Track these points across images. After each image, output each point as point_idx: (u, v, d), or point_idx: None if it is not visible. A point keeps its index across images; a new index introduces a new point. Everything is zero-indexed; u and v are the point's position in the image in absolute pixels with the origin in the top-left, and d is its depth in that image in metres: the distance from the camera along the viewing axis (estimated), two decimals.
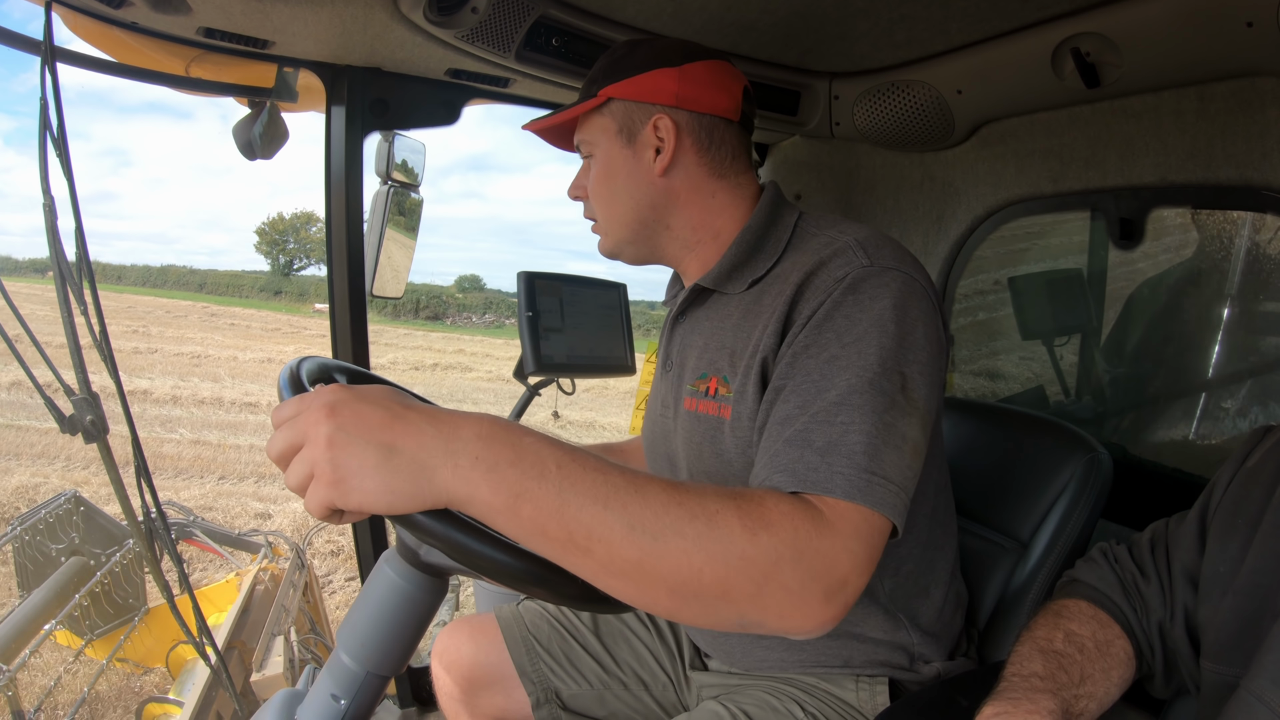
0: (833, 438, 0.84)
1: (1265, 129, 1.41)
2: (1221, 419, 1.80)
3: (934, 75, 1.69)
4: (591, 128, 1.19)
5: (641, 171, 1.15)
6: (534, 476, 0.69)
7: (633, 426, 2.45)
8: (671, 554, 0.70)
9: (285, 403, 0.73)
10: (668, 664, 1.41)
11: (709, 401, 1.11)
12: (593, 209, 1.24)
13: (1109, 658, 0.97)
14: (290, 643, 2.38)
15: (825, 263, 0.99)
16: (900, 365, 0.90)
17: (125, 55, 1.56)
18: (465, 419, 0.71)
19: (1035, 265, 2.16)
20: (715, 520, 0.72)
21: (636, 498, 0.71)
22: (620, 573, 0.71)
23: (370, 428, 0.68)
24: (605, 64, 1.18)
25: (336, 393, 0.70)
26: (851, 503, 0.80)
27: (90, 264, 1.33)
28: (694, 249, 1.20)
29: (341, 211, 1.78)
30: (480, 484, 0.68)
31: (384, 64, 1.68)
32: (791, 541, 0.74)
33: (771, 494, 0.79)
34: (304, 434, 0.69)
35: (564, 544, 0.70)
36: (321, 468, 0.67)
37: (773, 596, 0.73)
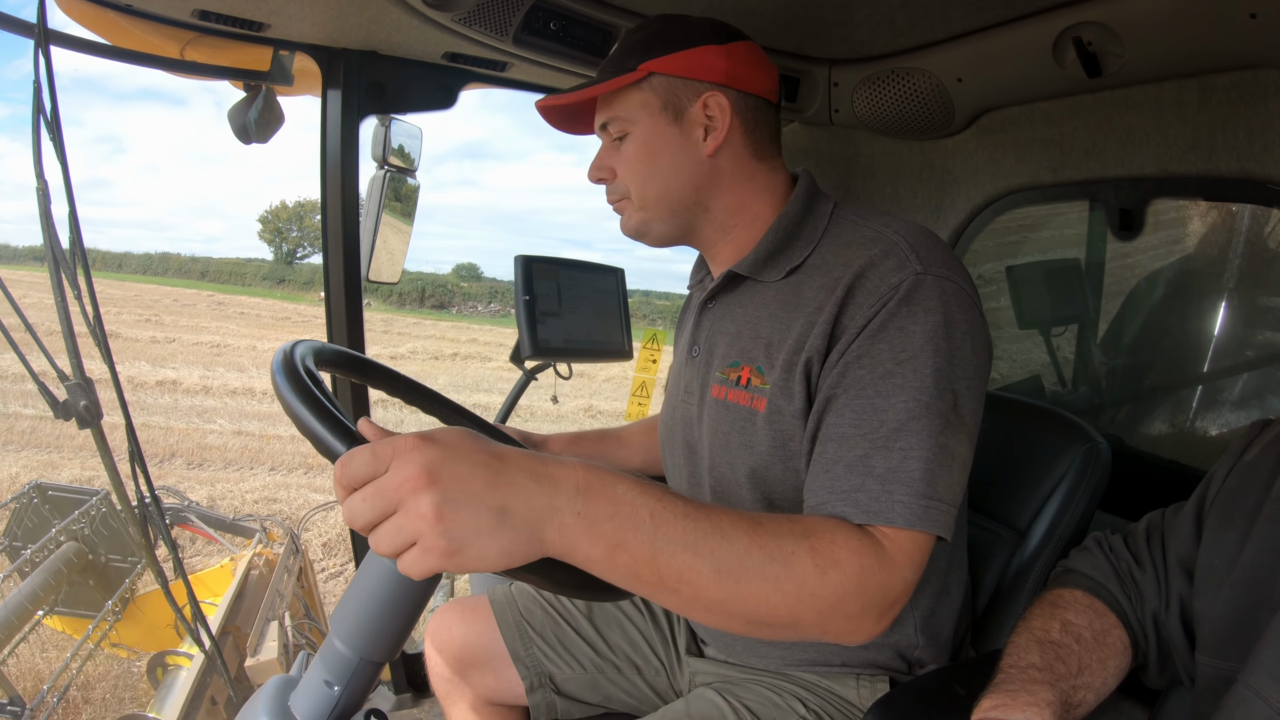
0: (893, 464, 0.88)
1: (1267, 121, 1.41)
2: (1219, 411, 1.80)
3: (934, 63, 1.68)
4: (628, 104, 1.13)
5: (689, 150, 1.11)
6: (630, 529, 0.73)
7: (629, 413, 2.45)
8: (751, 594, 0.77)
9: (352, 459, 0.70)
10: (660, 649, 1.41)
11: (740, 391, 1.09)
12: (621, 189, 1.18)
13: (1106, 647, 0.97)
14: (285, 628, 2.39)
15: (875, 263, 0.98)
16: (952, 383, 0.92)
17: (119, 38, 1.55)
18: (562, 471, 0.73)
19: (1033, 255, 2.16)
20: (791, 562, 0.79)
21: (723, 543, 0.76)
22: (704, 609, 0.78)
23: (477, 494, 0.68)
24: (641, 38, 1.13)
25: (424, 451, 0.68)
26: (910, 530, 0.86)
27: (84, 250, 1.32)
28: (730, 233, 1.17)
29: (337, 196, 1.77)
30: (581, 539, 0.72)
31: (380, 47, 1.67)
32: (858, 578, 0.82)
33: (841, 529, 0.85)
34: (397, 503, 0.67)
35: (654, 585, 0.76)
36: (433, 540, 0.67)
37: (834, 623, 0.83)
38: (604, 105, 1.16)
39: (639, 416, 2.45)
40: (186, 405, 10.74)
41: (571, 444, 1.55)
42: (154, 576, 1.59)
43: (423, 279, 51.21)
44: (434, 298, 47.38)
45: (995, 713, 0.85)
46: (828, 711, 1.16)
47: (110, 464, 1.39)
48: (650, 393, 2.46)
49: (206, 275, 63.19)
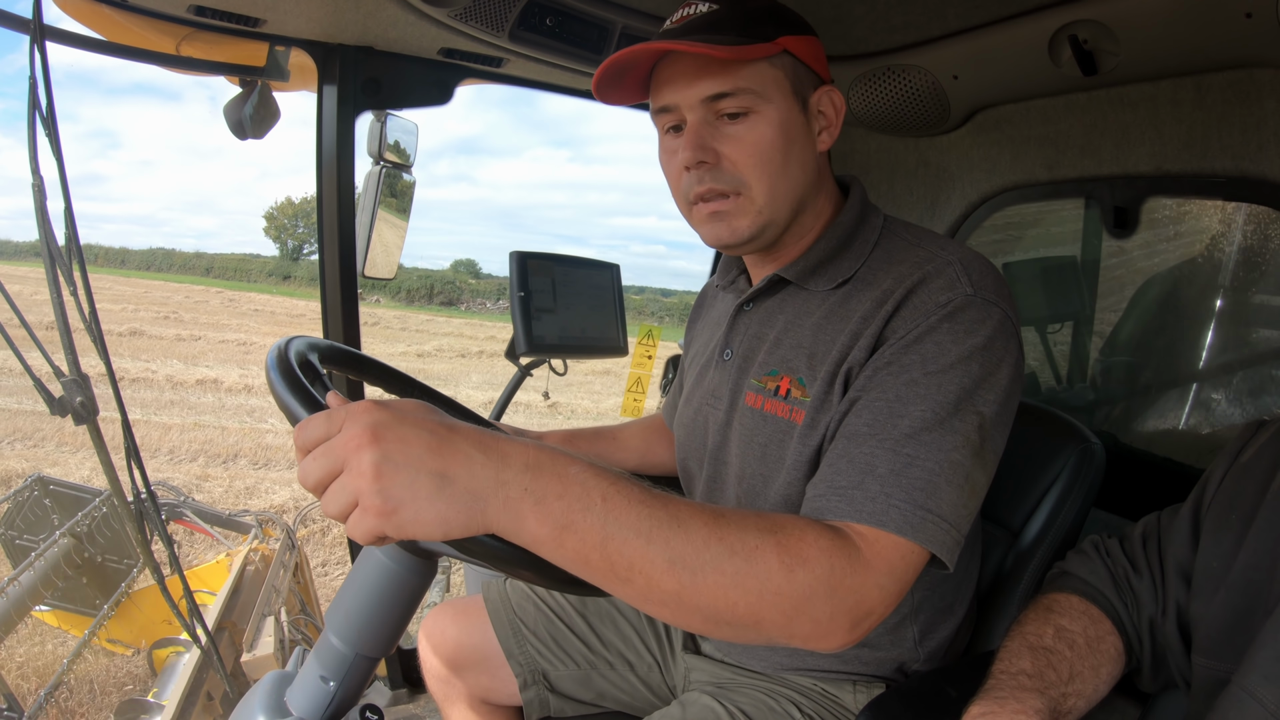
0: (897, 467, 0.84)
1: (1262, 120, 1.41)
2: (1213, 409, 1.81)
3: (930, 60, 1.67)
4: (760, 77, 0.97)
5: (810, 144, 1.03)
6: (580, 509, 0.69)
7: (624, 408, 2.45)
8: (709, 588, 0.73)
9: (310, 422, 0.70)
10: (654, 646, 1.41)
11: (779, 402, 1.04)
12: (733, 178, 1.00)
13: (1099, 654, 0.97)
14: (281, 623, 2.38)
15: (927, 280, 0.94)
16: (977, 405, 0.88)
17: (115, 34, 1.54)
18: (511, 445, 0.70)
19: (1029, 253, 2.16)
20: (754, 557, 0.74)
21: (679, 532, 0.72)
22: (659, 602, 0.73)
23: (417, 452, 0.66)
24: (767, 6, 1.01)
25: (374, 413, 0.67)
26: (898, 537, 0.82)
27: (80, 245, 1.31)
28: (802, 238, 1.09)
29: (333, 192, 1.77)
30: (528, 516, 0.68)
31: (376, 43, 1.67)
32: (826, 578, 0.76)
33: (812, 527, 0.80)
34: (343, 461, 0.66)
35: (604, 573, 0.71)
36: (370, 499, 0.65)
37: (801, 626, 0.77)
38: (721, 73, 0.97)
39: (635, 412, 2.45)
40: (234, 404, 10.67)
41: (565, 442, 1.54)
42: (150, 572, 1.59)
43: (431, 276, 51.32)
44: (442, 294, 47.43)
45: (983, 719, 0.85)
46: (823, 716, 1.15)
47: (106, 459, 1.39)
48: (645, 388, 2.46)
49: (211, 271, 63.12)
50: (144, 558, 1.60)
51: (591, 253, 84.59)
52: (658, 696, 1.40)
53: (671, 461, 1.56)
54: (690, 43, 0.95)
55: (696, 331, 1.41)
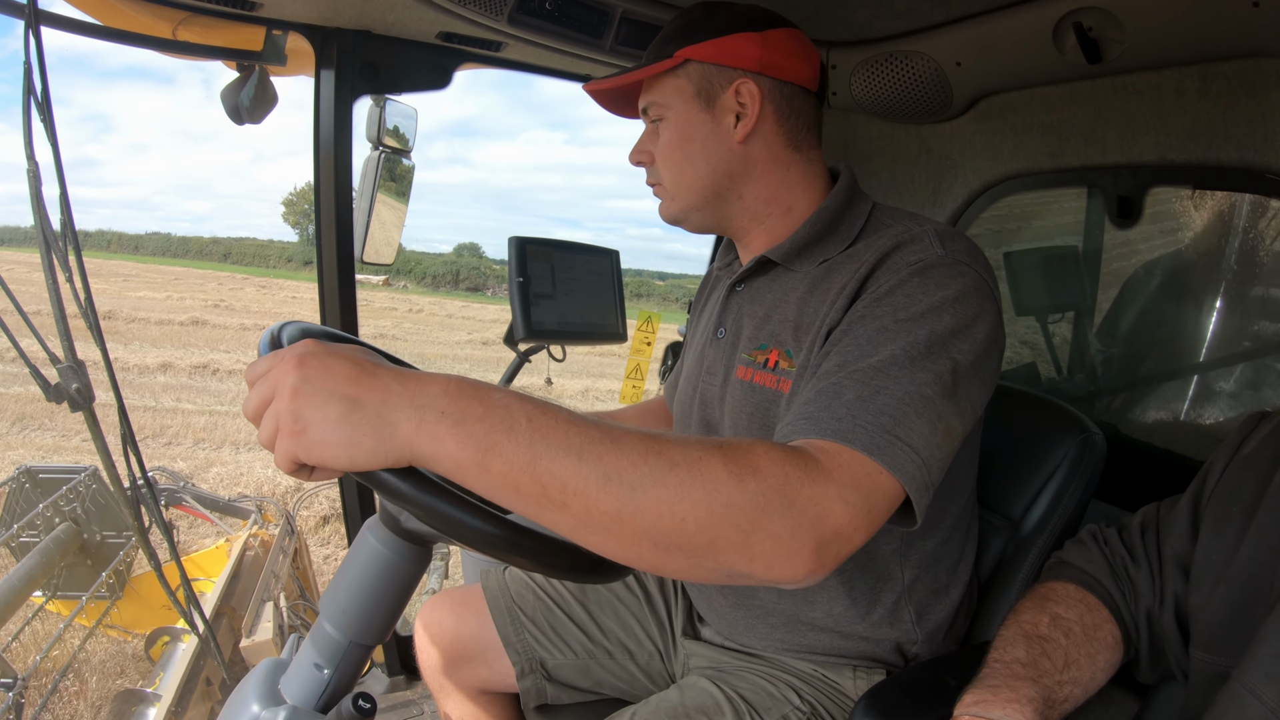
0: (864, 394, 0.83)
1: (1268, 111, 1.40)
2: (1214, 400, 1.80)
3: (933, 46, 1.66)
4: (664, 89, 1.15)
5: (720, 137, 1.12)
6: (503, 430, 0.65)
7: (623, 394, 2.44)
8: (652, 504, 0.67)
9: (259, 360, 0.71)
10: (655, 633, 1.41)
11: (767, 373, 1.10)
12: (658, 174, 1.20)
13: (1096, 642, 0.96)
14: (280, 609, 2.39)
15: (901, 246, 1.00)
16: (951, 351, 0.88)
17: (111, 18, 1.53)
18: (433, 377, 0.68)
19: (1031, 242, 2.15)
20: (698, 468, 0.69)
21: (612, 448, 0.67)
22: (599, 526, 0.68)
23: (335, 380, 0.65)
24: (680, 24, 1.14)
25: (307, 346, 0.67)
26: (861, 454, 0.78)
27: (75, 231, 1.31)
28: (763, 221, 1.18)
29: (330, 177, 1.76)
30: (447, 439, 0.65)
31: (374, 26, 1.65)
32: (781, 488, 0.71)
33: (762, 443, 0.75)
34: (274, 388, 0.66)
35: (538, 499, 0.67)
36: (285, 420, 0.65)
37: (760, 545, 0.70)
38: (645, 90, 1.18)
39: (633, 398, 2.44)
40: None
41: None
42: (147, 559, 1.59)
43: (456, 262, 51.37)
44: (468, 280, 47.39)
45: (976, 709, 0.84)
46: (822, 702, 1.16)
47: (102, 446, 1.38)
48: (645, 374, 2.45)
49: (229, 257, 62.99)
50: (141, 545, 1.60)
51: (587, 235, 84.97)
52: (657, 685, 1.40)
53: None
54: (612, 77, 1.20)
55: (699, 313, 1.44)
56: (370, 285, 41.73)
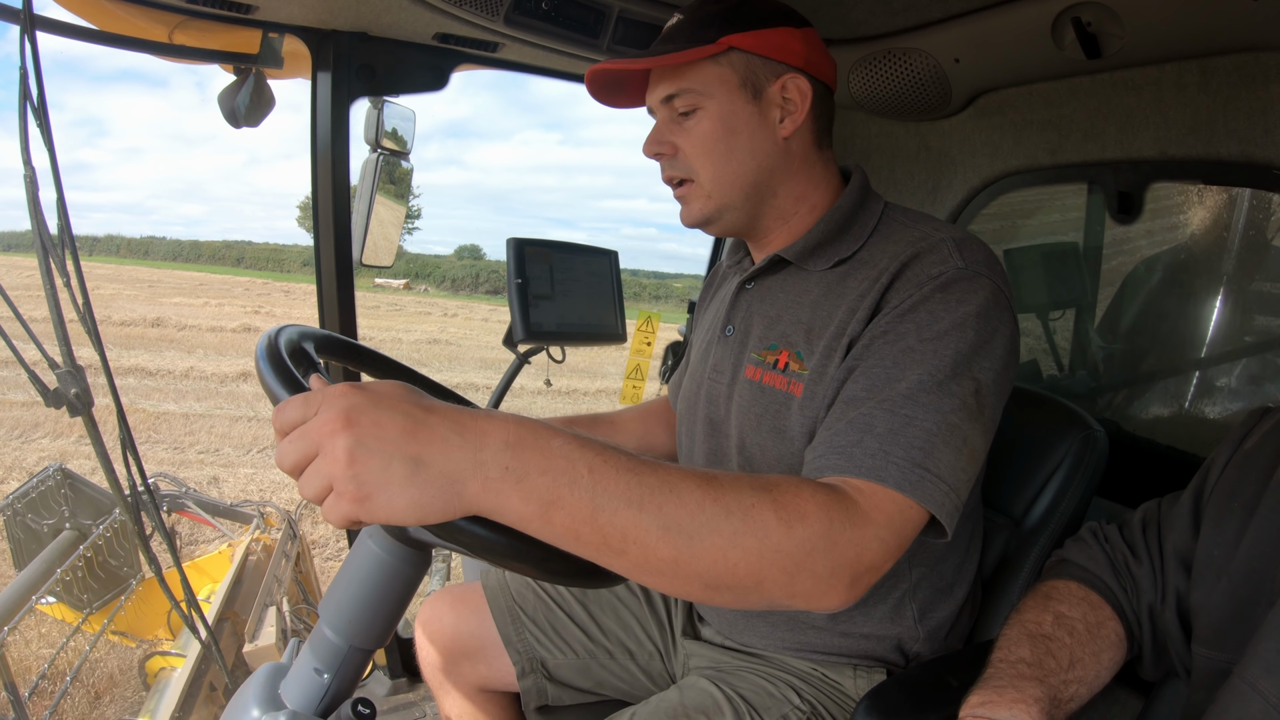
0: (895, 426, 0.86)
1: (1268, 104, 1.39)
2: (1216, 396, 1.80)
3: (931, 43, 1.66)
4: (704, 77, 1.07)
5: (766, 131, 1.09)
6: (566, 484, 0.67)
7: (624, 394, 2.44)
8: (707, 551, 0.71)
9: (287, 405, 0.68)
10: (655, 633, 1.41)
11: (776, 374, 1.08)
12: (685, 168, 1.12)
13: (1099, 640, 0.96)
14: (283, 613, 2.39)
15: (920, 255, 0.98)
16: (974, 370, 0.91)
17: (107, 22, 1.53)
18: (491, 423, 0.68)
19: (1031, 239, 2.14)
20: (750, 515, 0.73)
21: (671, 497, 0.70)
22: (655, 571, 0.71)
23: (391, 438, 0.64)
24: (720, 9, 1.08)
25: (348, 396, 0.65)
26: (895, 492, 0.82)
27: (73, 236, 1.31)
28: (789, 220, 1.15)
29: (328, 180, 1.76)
30: (511, 495, 0.66)
31: (370, 28, 1.65)
32: (825, 532, 0.76)
33: (807, 484, 0.79)
34: (317, 445, 0.65)
35: (598, 547, 0.69)
36: (344, 485, 0.64)
37: (802, 583, 0.75)
38: (672, 77, 1.10)
39: (634, 399, 2.44)
40: None
41: (563, 428, 1.54)
42: (148, 566, 1.58)
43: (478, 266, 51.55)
44: (487, 283, 47.48)
45: (982, 710, 0.84)
46: (822, 702, 1.15)
47: (102, 451, 1.38)
48: (645, 374, 2.45)
49: (243, 261, 62.67)
50: (142, 551, 1.59)
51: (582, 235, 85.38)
52: (657, 685, 1.40)
53: (670, 445, 1.56)
54: (638, 58, 1.09)
55: (704, 310, 1.43)
56: (392, 289, 41.73)
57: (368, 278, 51.18)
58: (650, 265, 72.06)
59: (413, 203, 51.19)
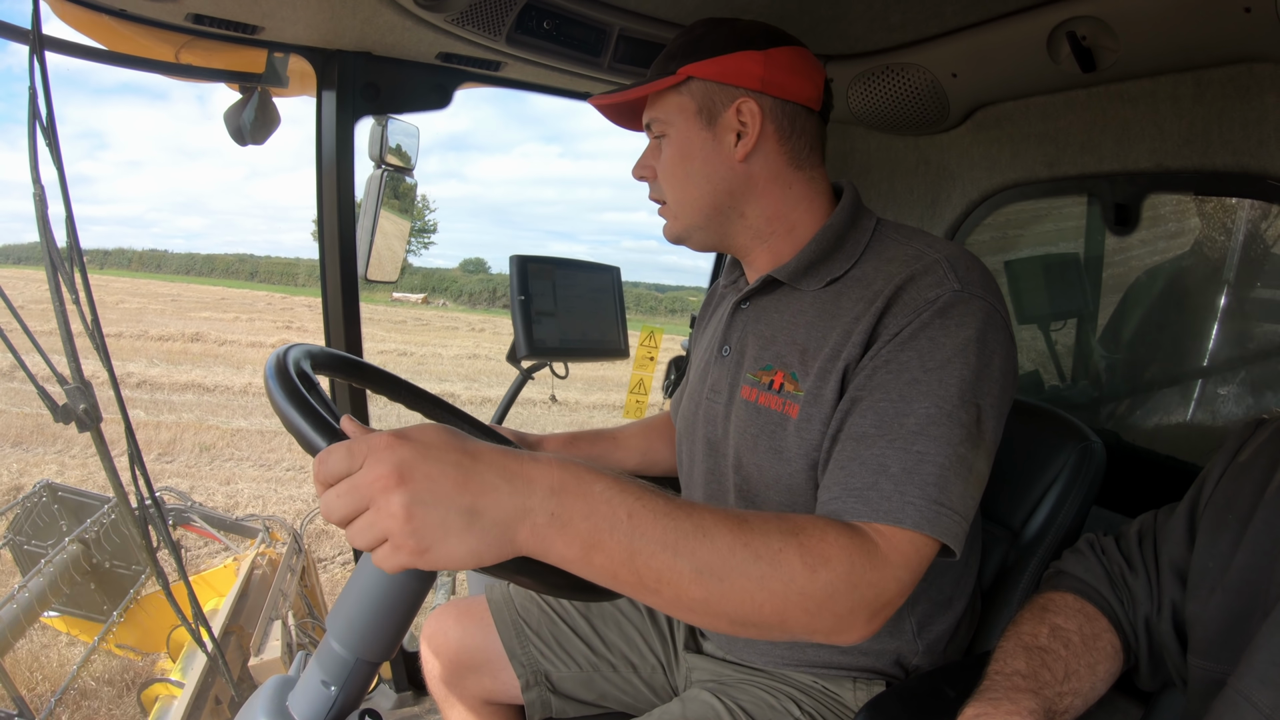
0: (908, 465, 0.88)
1: (1263, 115, 1.40)
2: (1216, 406, 1.80)
3: (929, 58, 1.67)
4: (666, 106, 1.14)
5: (721, 155, 1.12)
6: (606, 528, 0.72)
7: (627, 409, 2.45)
8: (736, 593, 0.76)
9: (330, 456, 0.70)
10: (658, 646, 1.41)
11: (772, 395, 1.09)
12: (661, 190, 1.19)
13: (1095, 651, 0.96)
14: (288, 627, 2.40)
15: (916, 277, 0.99)
16: (976, 397, 0.92)
17: (114, 42, 1.55)
18: (536, 469, 0.72)
19: (1030, 250, 2.15)
20: (778, 560, 0.77)
21: (704, 542, 0.75)
22: (685, 608, 0.77)
23: (445, 491, 0.68)
24: (684, 42, 1.13)
25: (396, 449, 0.68)
26: (914, 532, 0.86)
27: (81, 252, 1.32)
28: (766, 240, 1.17)
29: (333, 197, 1.78)
30: (556, 540, 0.71)
31: (375, 48, 1.67)
32: (847, 575, 0.80)
33: (832, 526, 0.83)
34: (369, 500, 0.67)
35: (633, 586, 0.75)
36: (402, 539, 0.67)
37: (823, 621, 0.80)
38: (649, 106, 1.18)
39: (637, 413, 2.45)
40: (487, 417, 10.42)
41: (567, 445, 1.55)
42: (155, 579, 1.59)
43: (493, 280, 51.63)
44: (503, 298, 47.68)
45: None
46: (822, 714, 1.16)
47: (110, 467, 1.40)
48: (648, 389, 2.45)
49: (256, 276, 62.50)
50: (149, 564, 1.61)
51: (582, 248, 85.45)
52: (660, 697, 1.40)
53: (672, 461, 1.56)
54: (615, 92, 1.18)
55: (703, 330, 1.44)
56: (410, 304, 41.64)
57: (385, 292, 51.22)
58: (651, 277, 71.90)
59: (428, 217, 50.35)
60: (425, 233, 69.97)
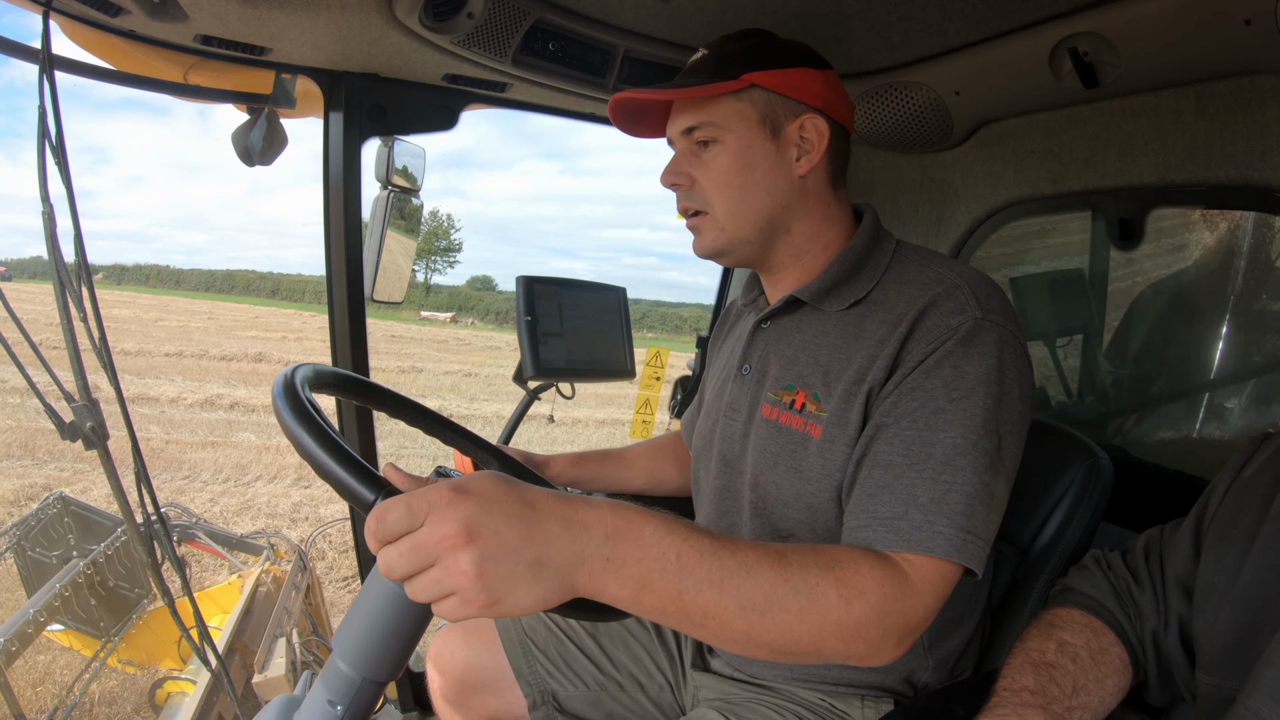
0: (937, 495, 0.91)
1: (1265, 128, 1.40)
2: (1224, 420, 1.79)
3: (932, 76, 1.68)
4: (724, 111, 1.11)
5: (784, 168, 1.12)
6: (656, 570, 0.76)
7: (633, 430, 2.45)
8: (776, 626, 0.81)
9: (389, 514, 0.70)
10: (665, 665, 1.41)
11: (793, 415, 1.10)
12: (700, 199, 1.15)
13: (1103, 666, 0.96)
14: (293, 645, 2.39)
15: (938, 302, 1.01)
16: (998, 425, 0.95)
17: (124, 63, 1.56)
18: (590, 514, 0.76)
19: (1036, 266, 2.15)
20: (815, 594, 0.82)
21: (748, 579, 0.79)
22: (729, 640, 0.81)
23: (512, 546, 0.70)
24: (743, 47, 1.12)
25: (459, 505, 0.69)
26: (942, 560, 0.90)
27: (89, 270, 1.33)
28: (801, 258, 1.18)
29: (340, 218, 1.78)
30: (610, 583, 0.75)
31: (381, 70, 1.68)
32: (880, 605, 0.85)
33: (865, 558, 0.88)
34: (435, 558, 0.69)
35: (680, 621, 0.79)
36: (472, 594, 0.69)
37: (856, 648, 0.86)
38: (694, 109, 1.13)
39: (644, 433, 2.45)
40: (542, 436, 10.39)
41: (574, 465, 1.55)
42: (160, 596, 1.59)
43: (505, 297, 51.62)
44: None
45: None
46: None
47: (116, 484, 1.40)
48: (655, 409, 2.46)
49: (278, 293, 62.62)
50: (154, 581, 1.61)
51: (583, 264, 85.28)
52: (667, 717, 1.40)
53: (679, 482, 1.56)
54: (661, 89, 1.12)
55: (719, 348, 1.45)
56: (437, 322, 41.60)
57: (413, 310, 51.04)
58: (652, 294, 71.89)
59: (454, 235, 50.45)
60: (451, 251, 70.26)
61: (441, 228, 69.91)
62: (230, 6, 1.30)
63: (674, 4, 1.43)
